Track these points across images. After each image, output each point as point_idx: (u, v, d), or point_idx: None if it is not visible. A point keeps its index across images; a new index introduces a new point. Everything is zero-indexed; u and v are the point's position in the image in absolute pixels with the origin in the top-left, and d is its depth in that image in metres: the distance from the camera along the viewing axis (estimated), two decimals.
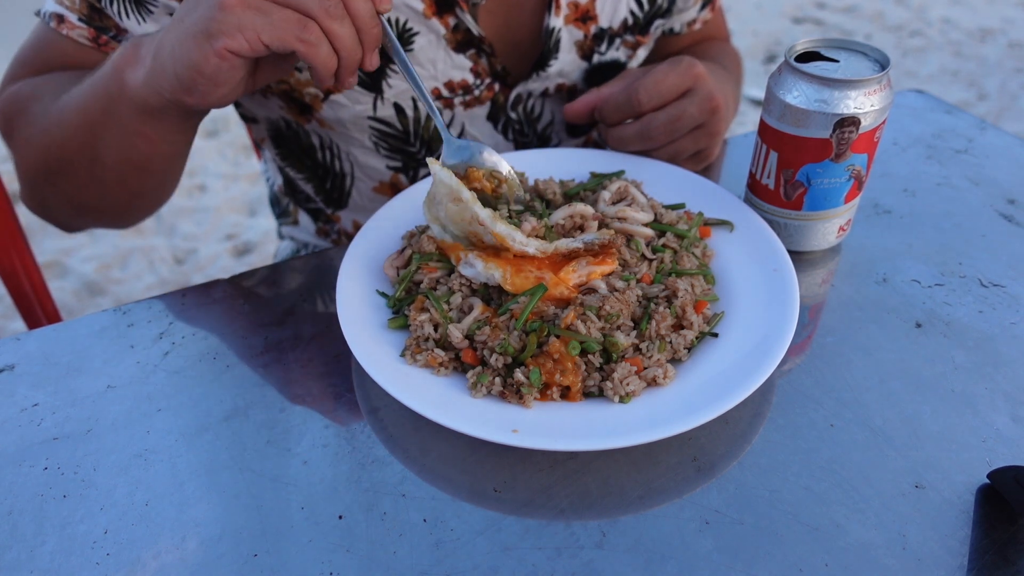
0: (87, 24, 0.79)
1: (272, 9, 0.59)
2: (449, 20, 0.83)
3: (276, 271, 0.79)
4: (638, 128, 0.80)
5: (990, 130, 1.00)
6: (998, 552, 0.52)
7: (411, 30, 0.82)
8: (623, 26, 0.94)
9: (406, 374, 0.61)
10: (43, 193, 0.82)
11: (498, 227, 0.65)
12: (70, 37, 0.80)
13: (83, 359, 0.69)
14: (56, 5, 0.80)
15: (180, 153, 0.80)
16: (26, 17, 0.93)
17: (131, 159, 0.75)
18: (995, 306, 0.72)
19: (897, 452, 0.58)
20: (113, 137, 0.73)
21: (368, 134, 0.91)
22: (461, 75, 0.87)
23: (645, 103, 0.78)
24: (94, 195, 0.80)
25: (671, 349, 0.63)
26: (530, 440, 0.54)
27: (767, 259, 0.70)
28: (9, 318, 2.22)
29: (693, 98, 0.78)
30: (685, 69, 0.78)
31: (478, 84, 0.89)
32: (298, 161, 1.00)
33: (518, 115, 0.96)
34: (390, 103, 0.87)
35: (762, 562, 0.51)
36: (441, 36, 0.84)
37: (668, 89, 0.78)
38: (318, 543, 0.53)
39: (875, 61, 0.70)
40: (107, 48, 0.81)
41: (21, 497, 0.57)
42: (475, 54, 0.86)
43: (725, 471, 0.57)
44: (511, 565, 0.51)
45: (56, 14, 0.80)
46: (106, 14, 0.79)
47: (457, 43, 0.85)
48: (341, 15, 0.60)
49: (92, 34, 0.80)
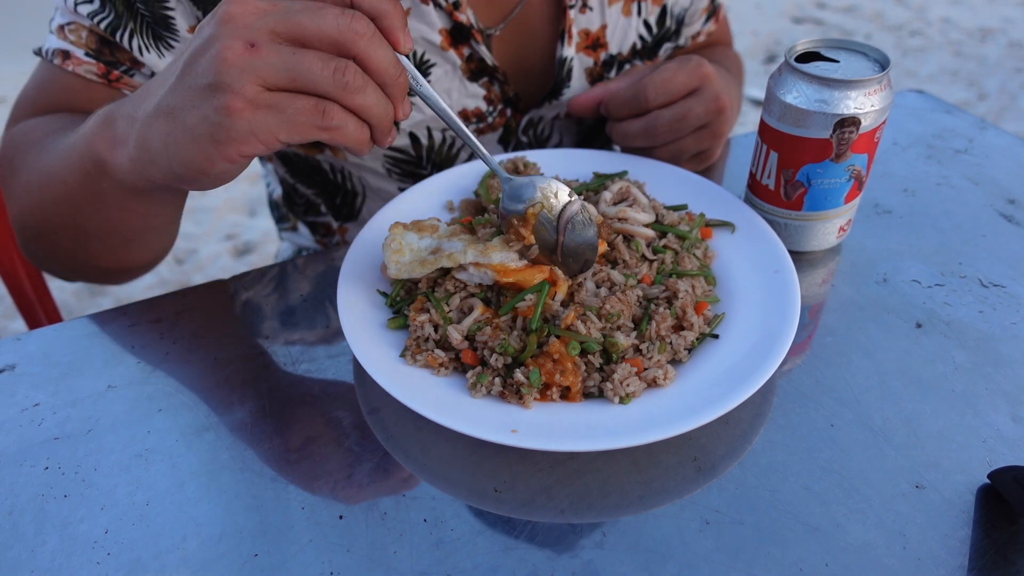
0: (96, 59, 0.75)
1: (284, 103, 0.50)
2: (464, 51, 0.83)
3: (277, 271, 0.79)
4: (643, 124, 0.80)
5: (990, 130, 1.00)
6: (998, 552, 0.52)
7: (428, 62, 0.83)
8: (632, 51, 0.95)
9: (406, 374, 0.61)
10: (33, 249, 0.78)
11: (495, 258, 0.64)
12: (76, 73, 0.76)
13: (83, 359, 0.69)
14: (60, 41, 0.76)
15: (173, 219, 0.74)
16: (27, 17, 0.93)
17: (119, 231, 0.70)
18: (995, 306, 0.72)
19: (897, 452, 0.58)
20: (96, 212, 0.67)
21: (382, 160, 0.91)
22: (475, 103, 0.88)
23: (653, 100, 0.78)
24: (82, 261, 0.75)
25: (671, 350, 0.63)
26: (529, 441, 0.54)
27: (769, 261, 0.70)
28: (9, 318, 2.22)
29: (700, 97, 0.78)
30: (694, 68, 0.78)
31: (491, 111, 0.90)
32: (308, 178, 1.00)
33: (528, 138, 0.97)
34: (406, 133, 0.87)
35: (762, 562, 0.51)
36: (457, 66, 0.84)
37: (676, 87, 0.78)
38: (318, 543, 0.53)
39: (875, 61, 0.70)
40: (119, 84, 0.77)
41: (22, 497, 0.57)
42: (488, 82, 0.87)
43: (725, 471, 0.57)
44: (511, 565, 0.51)
45: (60, 51, 0.76)
46: (119, 47, 0.75)
47: (471, 72, 0.85)
48: (362, 84, 0.51)
49: (102, 69, 0.76)
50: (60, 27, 0.76)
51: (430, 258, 0.65)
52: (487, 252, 0.64)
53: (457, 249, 0.65)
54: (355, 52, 0.51)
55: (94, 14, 0.74)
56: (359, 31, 0.50)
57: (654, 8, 0.94)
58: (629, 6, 0.91)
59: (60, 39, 0.76)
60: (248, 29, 0.49)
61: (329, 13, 0.50)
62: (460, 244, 0.66)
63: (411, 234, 0.67)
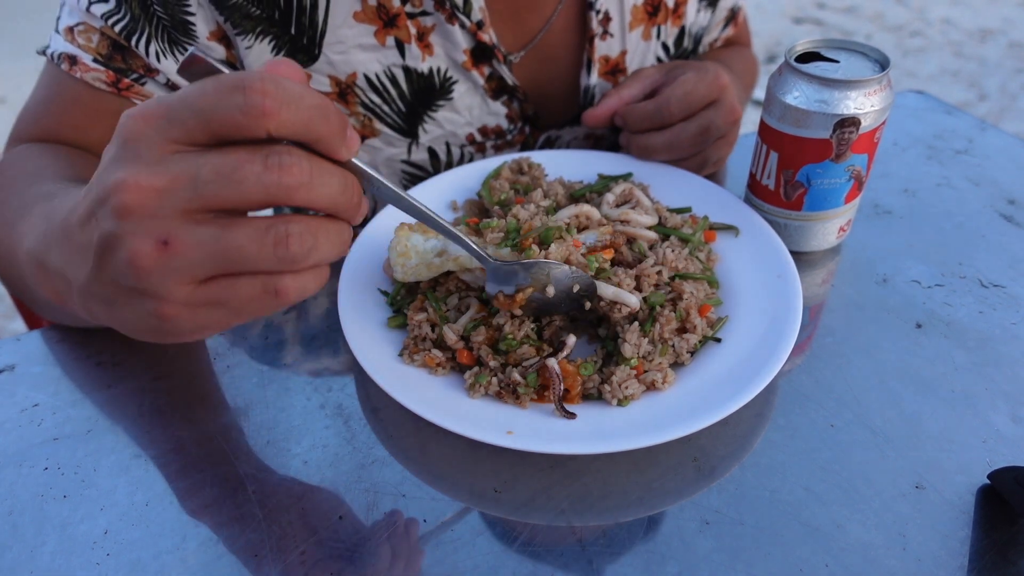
0: (105, 66, 0.71)
1: (225, 295, 0.41)
2: (484, 70, 0.84)
3: None
4: (667, 138, 0.79)
5: (990, 130, 1.00)
6: (998, 552, 0.52)
7: (451, 79, 0.83)
8: None
9: (404, 374, 0.61)
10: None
11: None
12: (84, 80, 0.71)
13: (83, 359, 0.69)
14: (67, 44, 0.71)
15: None
16: (27, 17, 0.93)
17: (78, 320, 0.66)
18: (995, 306, 0.72)
19: (897, 452, 0.58)
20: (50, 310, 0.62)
21: (399, 177, 0.91)
22: (496, 121, 0.88)
23: (677, 115, 0.78)
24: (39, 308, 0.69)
25: (673, 353, 0.63)
26: (524, 442, 0.54)
27: (772, 265, 0.69)
28: (9, 318, 2.22)
29: (719, 109, 0.78)
30: (713, 80, 0.77)
31: (511, 129, 0.90)
32: None
33: None
34: (424, 148, 0.87)
35: (762, 562, 0.51)
36: (479, 85, 0.84)
37: (697, 100, 0.77)
38: (318, 543, 0.53)
39: (875, 61, 0.70)
40: (128, 93, 0.73)
41: (21, 497, 0.57)
42: (508, 100, 0.87)
43: (725, 472, 0.57)
44: (511, 565, 0.51)
45: (67, 55, 0.71)
46: (133, 53, 0.72)
47: (493, 91, 0.86)
48: (311, 245, 0.40)
49: (111, 77, 0.72)
50: (68, 28, 0.72)
51: (436, 261, 0.65)
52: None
53: (464, 253, 0.65)
54: (294, 205, 0.40)
55: (108, 15, 0.70)
56: (290, 184, 0.38)
57: (673, 30, 0.93)
58: (649, 30, 0.91)
59: (68, 41, 0.71)
60: (154, 221, 0.38)
61: (249, 173, 0.38)
62: None
63: (416, 235, 0.67)
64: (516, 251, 0.63)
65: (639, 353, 0.61)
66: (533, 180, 0.80)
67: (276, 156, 0.38)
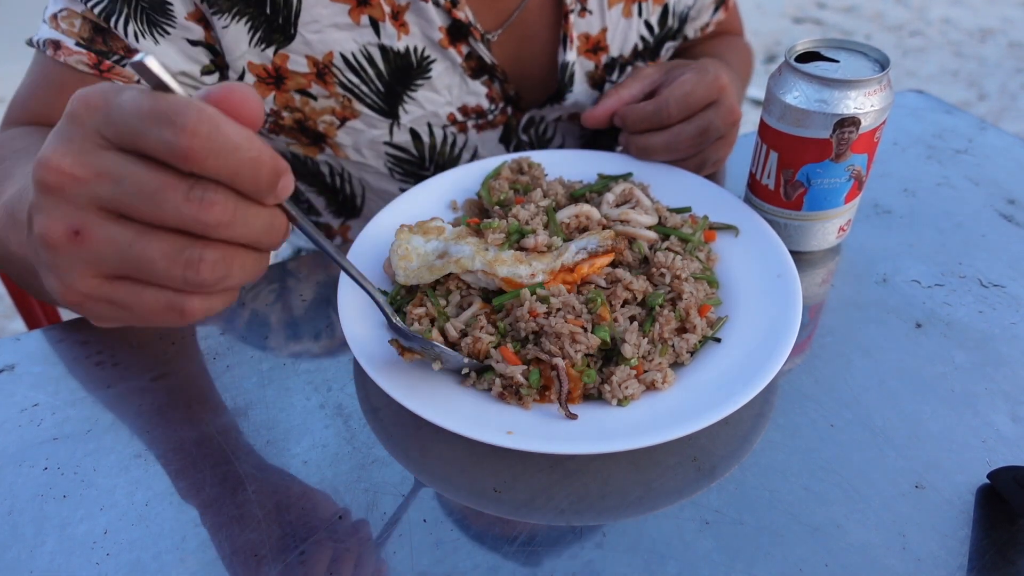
0: (87, 49, 0.73)
1: (128, 300, 0.41)
2: (463, 48, 0.84)
3: (277, 270, 0.79)
4: (666, 138, 0.79)
5: (990, 130, 1.00)
6: (998, 552, 0.52)
7: (428, 57, 0.83)
8: (633, 52, 0.95)
9: (404, 373, 0.61)
10: None
11: (502, 271, 0.64)
12: (68, 64, 0.73)
13: (83, 359, 0.69)
14: (51, 31, 0.73)
15: None
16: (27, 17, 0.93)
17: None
18: (995, 306, 0.72)
19: (897, 452, 0.58)
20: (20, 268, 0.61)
21: (384, 160, 0.91)
22: (476, 100, 0.88)
23: (676, 116, 0.78)
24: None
25: (673, 353, 0.63)
26: (524, 443, 0.54)
27: (771, 265, 0.69)
28: (9, 318, 2.22)
29: (718, 110, 0.78)
30: (712, 81, 0.77)
31: (492, 109, 0.90)
32: (305, 178, 1.00)
33: (529, 137, 0.97)
34: (406, 128, 0.88)
35: (762, 562, 0.51)
36: (457, 64, 0.84)
37: (696, 101, 0.77)
38: (318, 543, 0.53)
39: (875, 61, 0.70)
40: (110, 75, 0.74)
41: (21, 497, 0.57)
42: (489, 80, 0.87)
43: (725, 471, 0.57)
44: (511, 565, 0.51)
45: (52, 41, 0.73)
46: (114, 35, 0.73)
47: (472, 70, 0.86)
48: (223, 273, 0.40)
49: (93, 60, 0.73)
50: (53, 16, 0.74)
51: (438, 263, 0.65)
52: (494, 265, 0.64)
53: (466, 254, 0.65)
54: (212, 238, 0.39)
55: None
56: (208, 222, 0.37)
57: (655, 8, 0.93)
58: (630, 7, 0.91)
59: (52, 28, 0.73)
60: (69, 207, 0.38)
61: (169, 199, 0.37)
62: (468, 249, 0.66)
63: (417, 237, 0.67)
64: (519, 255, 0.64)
65: (639, 353, 0.61)
66: (533, 180, 0.80)
67: (200, 190, 0.37)
